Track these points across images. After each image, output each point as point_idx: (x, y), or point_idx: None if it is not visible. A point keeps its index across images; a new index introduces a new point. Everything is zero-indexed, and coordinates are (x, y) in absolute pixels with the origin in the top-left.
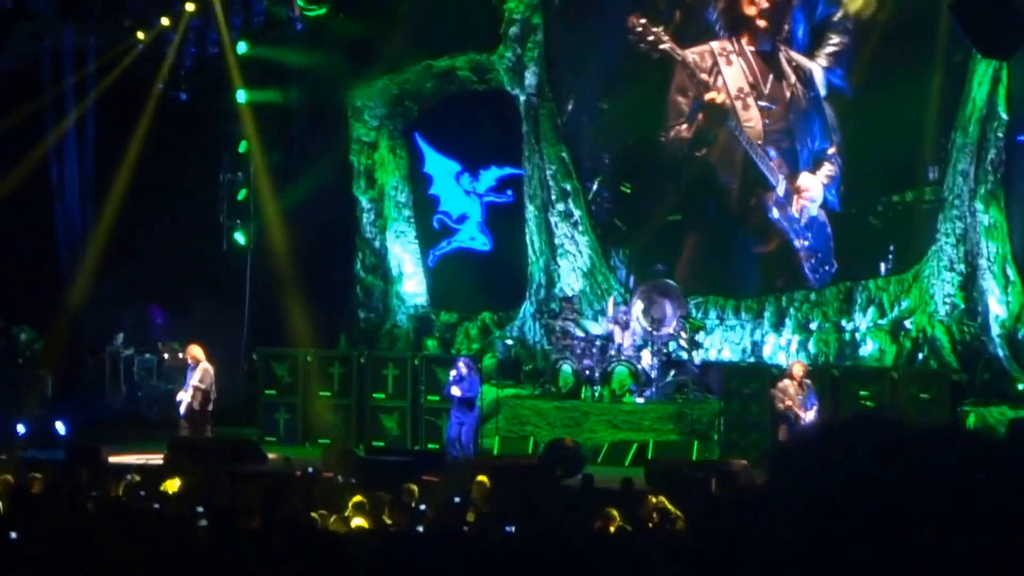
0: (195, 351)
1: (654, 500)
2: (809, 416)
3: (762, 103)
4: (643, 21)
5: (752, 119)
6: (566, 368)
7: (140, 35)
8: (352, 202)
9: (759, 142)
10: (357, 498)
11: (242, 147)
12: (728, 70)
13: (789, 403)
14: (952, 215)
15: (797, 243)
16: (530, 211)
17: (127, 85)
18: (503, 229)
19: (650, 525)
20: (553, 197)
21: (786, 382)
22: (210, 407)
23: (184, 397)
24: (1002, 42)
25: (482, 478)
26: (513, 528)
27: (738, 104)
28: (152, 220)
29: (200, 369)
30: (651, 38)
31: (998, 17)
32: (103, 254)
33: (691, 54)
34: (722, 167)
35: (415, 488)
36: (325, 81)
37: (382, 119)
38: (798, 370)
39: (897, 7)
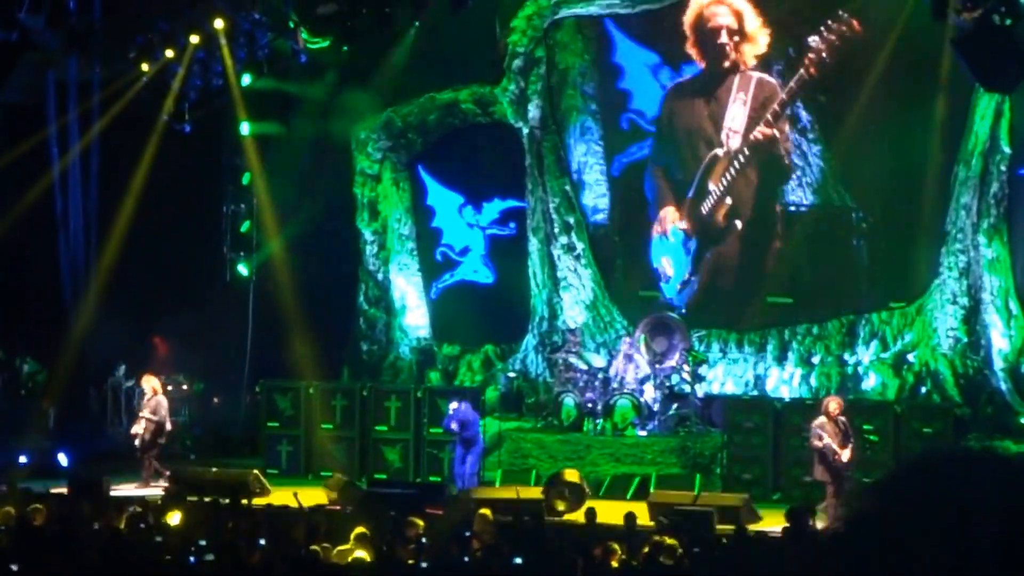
0: (151, 382)
1: (658, 539)
2: (846, 454)
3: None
4: None
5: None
6: (568, 401)
7: (144, 67)
8: (355, 234)
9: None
10: (359, 530)
11: (245, 179)
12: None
13: (828, 441)
14: (955, 248)
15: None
16: (533, 244)
17: (131, 117)
18: (506, 262)
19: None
20: (556, 230)
21: (822, 419)
22: (162, 439)
23: (137, 429)
24: (1005, 76)
25: (484, 511)
26: (519, 560)
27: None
28: (156, 252)
29: (154, 401)
30: None
31: (1001, 52)
32: (107, 286)
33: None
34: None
35: (419, 522)
36: (329, 113)
37: (386, 151)
38: (834, 407)
39: (900, 41)
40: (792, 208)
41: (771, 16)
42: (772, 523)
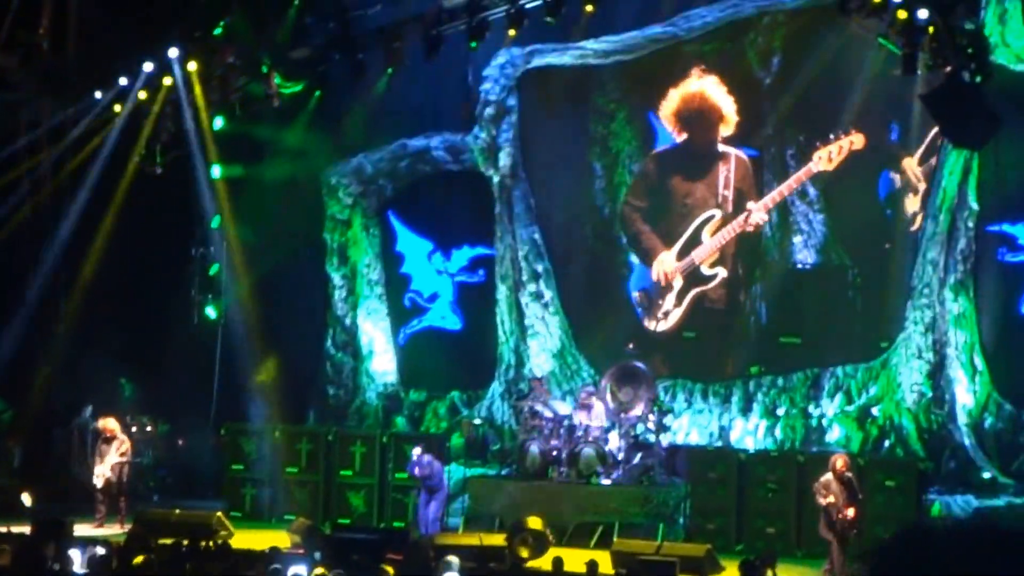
0: (111, 424)
1: None
2: (850, 513)
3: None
4: None
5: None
6: (533, 449)
7: (117, 108)
8: (324, 279)
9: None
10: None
11: (215, 222)
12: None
13: (832, 499)
14: (921, 303)
15: None
16: (501, 291)
17: (102, 158)
18: (474, 309)
19: None
20: (524, 278)
21: (828, 476)
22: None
23: (100, 470)
24: (973, 133)
25: (451, 558)
26: None
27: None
28: (124, 294)
29: (119, 442)
30: None
31: (969, 108)
32: (75, 326)
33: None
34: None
35: (390, 570)
36: (300, 158)
37: (356, 197)
38: (840, 464)
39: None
40: (800, 266)
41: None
42: (734, 574)
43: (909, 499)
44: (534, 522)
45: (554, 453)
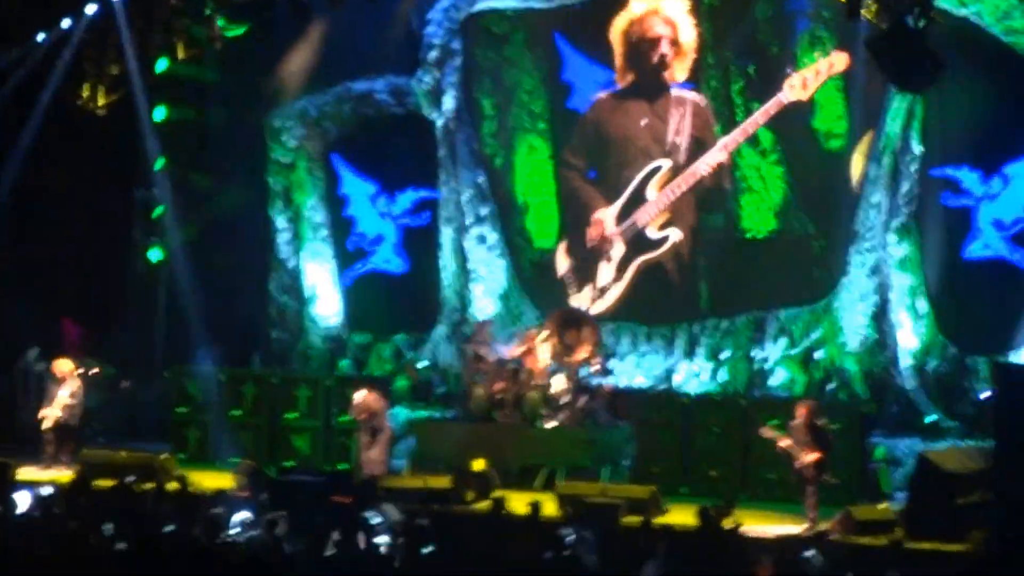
0: (64, 365)
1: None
2: (808, 459)
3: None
4: None
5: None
6: (478, 391)
7: (59, 50)
8: (268, 222)
9: None
10: None
11: (158, 164)
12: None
13: (787, 443)
14: (864, 247)
15: None
16: (446, 234)
17: (45, 100)
18: (419, 252)
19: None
20: (469, 221)
21: (797, 421)
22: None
23: (51, 412)
24: (917, 77)
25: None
26: (428, 550)
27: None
28: (66, 236)
29: (70, 383)
30: None
31: (914, 52)
32: (15, 268)
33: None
34: None
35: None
36: (244, 101)
37: (300, 140)
38: (800, 411)
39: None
40: (749, 235)
41: (706, 28)
42: (680, 517)
43: (853, 442)
44: (479, 465)
45: (499, 396)
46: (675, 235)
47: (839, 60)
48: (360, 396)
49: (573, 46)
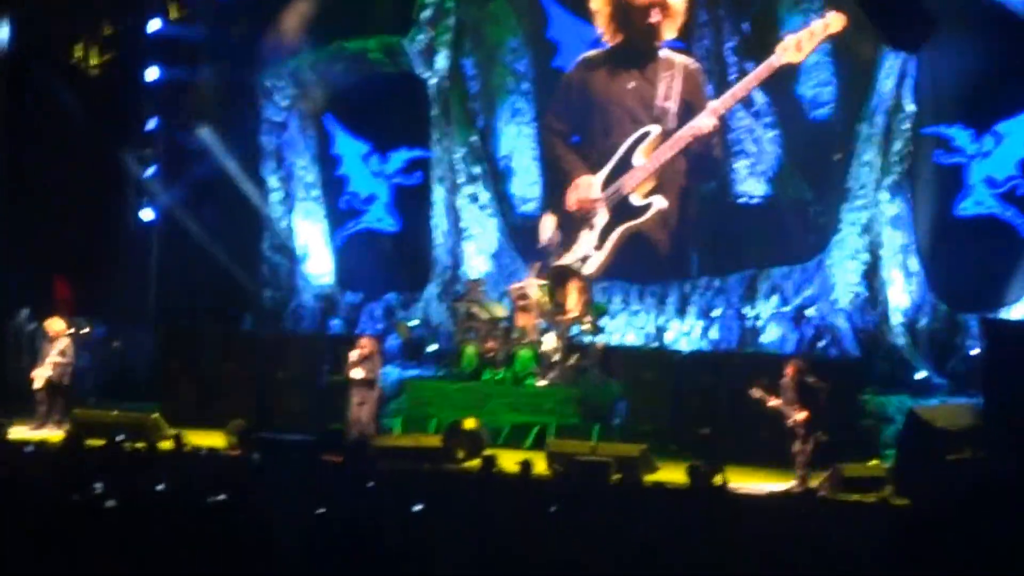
0: (56, 324)
1: None
2: (799, 417)
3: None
4: None
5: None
6: (469, 350)
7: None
8: (260, 181)
9: None
10: None
11: (151, 124)
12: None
13: (776, 402)
14: (856, 205)
15: None
16: (438, 193)
17: (37, 60)
18: (411, 211)
19: None
20: (461, 180)
21: (786, 379)
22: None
23: (42, 372)
24: (910, 35)
25: None
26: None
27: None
28: (59, 195)
29: (62, 342)
30: None
31: (906, 11)
32: (7, 228)
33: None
34: None
35: None
36: (236, 60)
37: (293, 99)
38: (789, 369)
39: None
40: (741, 200)
41: None
42: (670, 475)
43: (844, 399)
44: (470, 423)
45: (490, 354)
46: (659, 203)
47: (835, 21)
48: (367, 338)
49: (559, 3)
